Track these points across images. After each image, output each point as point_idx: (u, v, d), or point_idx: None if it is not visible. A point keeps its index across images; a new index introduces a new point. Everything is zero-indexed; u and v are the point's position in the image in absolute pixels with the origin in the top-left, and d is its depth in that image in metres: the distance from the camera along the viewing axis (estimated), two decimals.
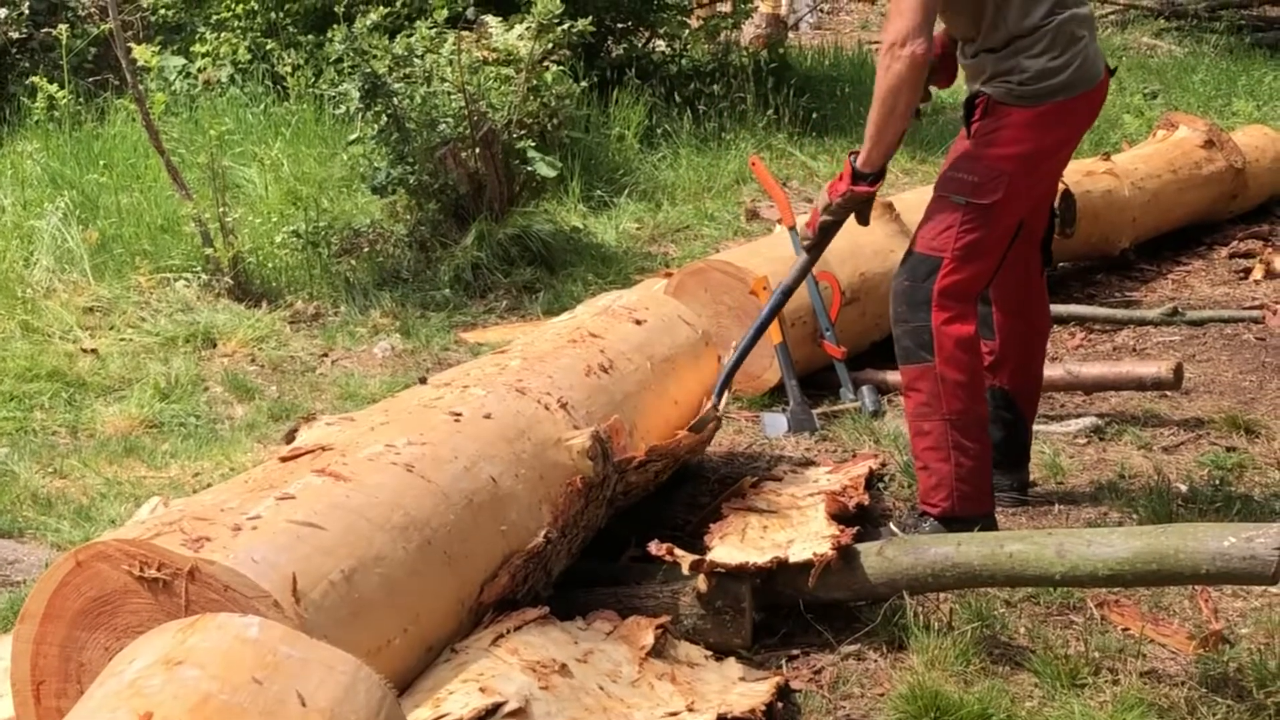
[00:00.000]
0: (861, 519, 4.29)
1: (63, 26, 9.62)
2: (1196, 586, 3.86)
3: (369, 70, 7.48)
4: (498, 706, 2.89)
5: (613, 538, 4.19)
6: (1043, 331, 4.64)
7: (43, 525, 4.64)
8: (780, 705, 3.42)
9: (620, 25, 10.96)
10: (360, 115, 7.83)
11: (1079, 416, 5.42)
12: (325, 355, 6.63)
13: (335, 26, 8.01)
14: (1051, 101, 4.11)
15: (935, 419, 4.20)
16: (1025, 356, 4.56)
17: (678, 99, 10.64)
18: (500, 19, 8.76)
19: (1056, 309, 6.70)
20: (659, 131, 10.19)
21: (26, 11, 10.74)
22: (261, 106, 9.77)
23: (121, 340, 6.62)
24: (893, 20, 4.03)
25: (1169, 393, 5.61)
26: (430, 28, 8.06)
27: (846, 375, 5.69)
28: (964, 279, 4.17)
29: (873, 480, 4.70)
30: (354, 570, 2.89)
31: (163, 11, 11.22)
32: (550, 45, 8.14)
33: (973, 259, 4.16)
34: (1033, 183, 4.22)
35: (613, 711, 3.16)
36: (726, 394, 4.69)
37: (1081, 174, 7.48)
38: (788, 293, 4.64)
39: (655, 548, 3.73)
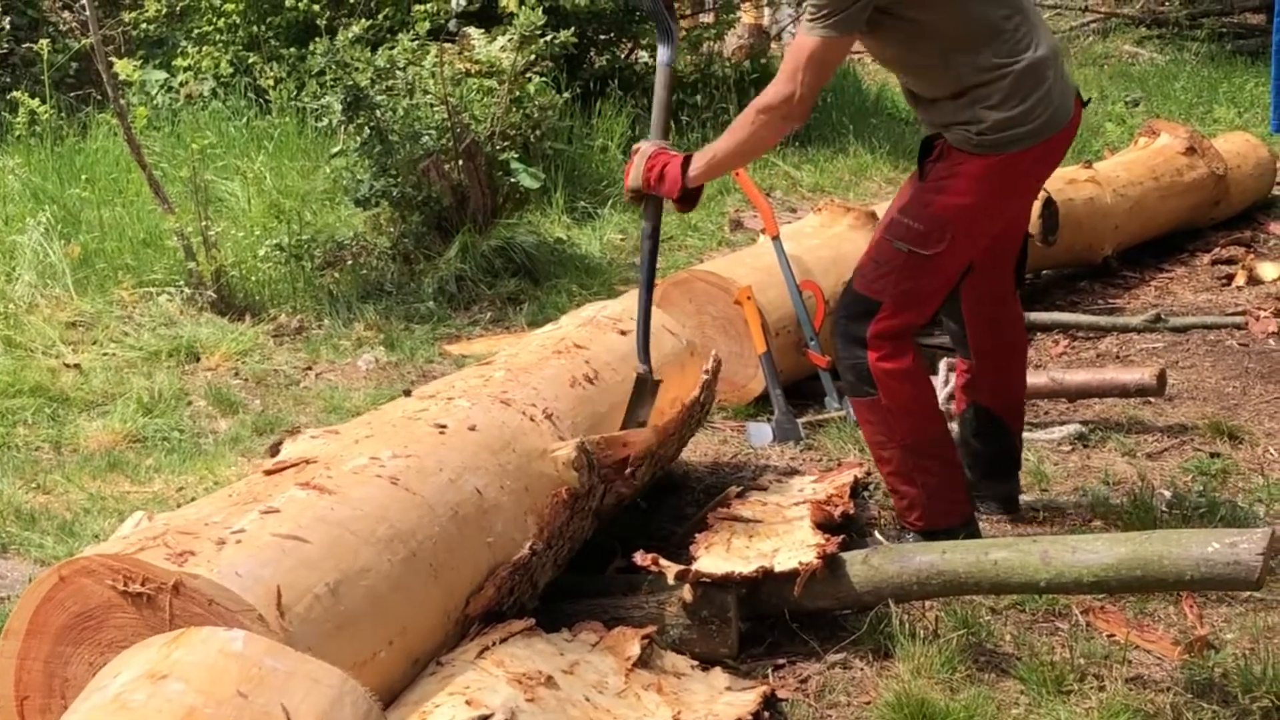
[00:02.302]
0: (847, 528, 4.29)
1: (44, 41, 9.61)
2: (1181, 592, 3.87)
3: (351, 83, 7.48)
4: (484, 718, 2.89)
5: (598, 549, 4.19)
6: (1019, 347, 4.55)
7: (26, 541, 4.62)
8: (767, 714, 3.41)
9: (602, 37, 10.98)
10: (343, 128, 7.82)
11: (1063, 424, 5.42)
12: (309, 368, 6.61)
13: (317, 39, 8.00)
14: (1012, 150, 3.97)
15: (892, 447, 4.18)
16: (1003, 373, 4.48)
17: None
18: (482, 31, 8.77)
19: (1040, 316, 6.75)
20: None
21: (7, 26, 10.73)
22: (244, 120, 9.76)
23: (104, 355, 6.60)
24: (782, 83, 3.95)
25: (1153, 399, 5.62)
26: (412, 40, 8.06)
27: (831, 384, 5.69)
28: (900, 324, 4.09)
29: (858, 489, 4.70)
30: (339, 583, 2.89)
31: (144, 26, 11.22)
32: (533, 57, 8.14)
33: (911, 306, 4.09)
34: (984, 230, 4.10)
35: None
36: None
37: (1064, 182, 7.50)
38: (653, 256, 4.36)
39: (641, 558, 3.73)
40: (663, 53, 4.31)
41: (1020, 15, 3.98)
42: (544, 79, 8.67)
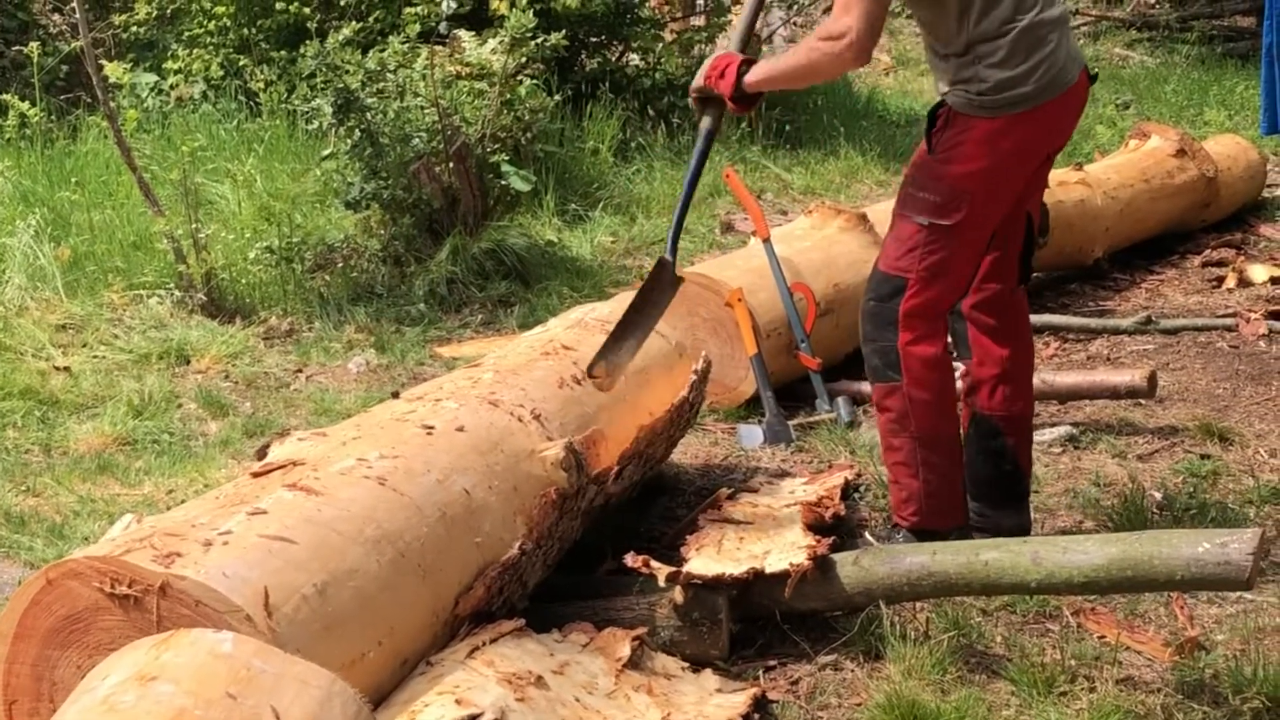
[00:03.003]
0: (837, 529, 4.29)
1: (34, 44, 9.60)
2: (1172, 593, 3.87)
3: (342, 85, 7.47)
4: (474, 718, 2.88)
5: (589, 550, 4.19)
6: (1025, 347, 4.40)
7: (16, 544, 4.61)
8: (757, 716, 3.42)
9: (594, 39, 10.97)
10: (333, 130, 7.82)
11: (1054, 425, 5.42)
12: (299, 371, 6.60)
13: (308, 42, 8.00)
14: (1012, 112, 3.97)
15: (904, 436, 4.16)
16: (1006, 375, 4.33)
17: (651, 112, 10.65)
18: (473, 33, 8.76)
19: (1031, 318, 6.70)
20: (633, 145, 10.19)
21: None
22: (234, 122, 9.75)
23: (94, 358, 6.59)
24: (838, 15, 3.89)
25: (1143, 401, 5.62)
26: (403, 42, 8.06)
27: (822, 386, 5.70)
28: (930, 299, 4.08)
29: (848, 491, 4.70)
30: (326, 584, 2.88)
31: (134, 28, 11.21)
32: (523, 59, 8.15)
33: (939, 278, 4.07)
34: (999, 197, 4.08)
35: None
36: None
37: (1054, 184, 7.49)
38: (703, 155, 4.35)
39: (631, 560, 3.73)
40: None
41: None
42: (535, 81, 8.67)
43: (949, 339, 4.29)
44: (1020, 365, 4.38)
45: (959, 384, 4.39)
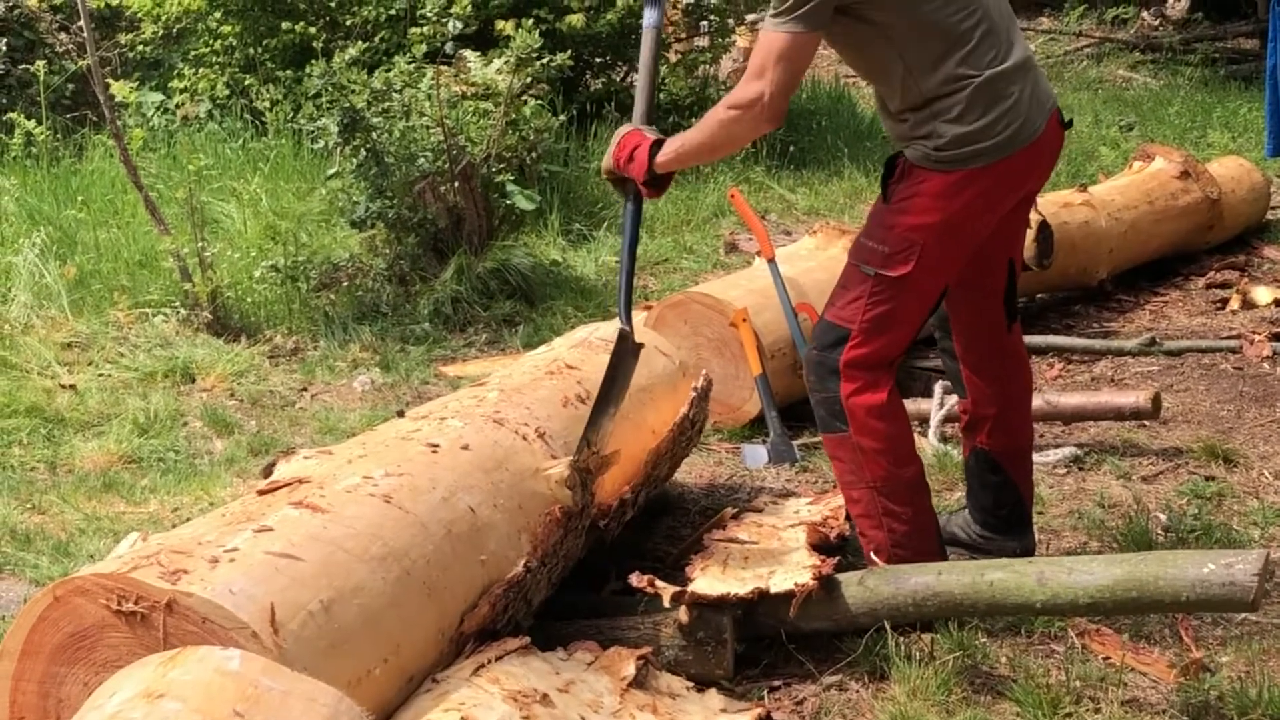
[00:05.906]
0: (842, 549, 4.28)
1: (40, 63, 9.64)
2: (1177, 614, 3.87)
3: (347, 105, 7.49)
4: None
5: (593, 570, 4.19)
6: (1021, 385, 4.36)
7: (21, 561, 4.62)
8: None
9: (599, 60, 11.00)
10: (339, 150, 7.83)
11: (1058, 447, 5.42)
12: (304, 389, 6.61)
13: (314, 62, 8.02)
14: (971, 167, 3.82)
15: (861, 487, 4.06)
16: (1004, 414, 4.29)
17: None
18: (479, 54, 8.78)
19: (1035, 340, 6.72)
20: None
21: (4, 48, 10.75)
22: (240, 141, 9.78)
23: (100, 376, 6.60)
24: (751, 81, 3.78)
25: (1147, 422, 5.62)
26: (409, 62, 8.08)
27: None
28: (873, 350, 3.96)
29: None
30: (333, 601, 2.89)
31: (141, 48, 11.24)
32: (529, 79, 8.15)
33: (883, 331, 3.95)
34: (953, 250, 3.92)
35: None
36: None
37: (1058, 205, 7.51)
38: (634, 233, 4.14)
39: (636, 579, 3.73)
40: (650, 15, 4.06)
41: (986, 24, 3.86)
42: (540, 101, 8.68)
43: (895, 385, 4.09)
44: (1017, 402, 4.35)
45: (948, 404, 4.37)
